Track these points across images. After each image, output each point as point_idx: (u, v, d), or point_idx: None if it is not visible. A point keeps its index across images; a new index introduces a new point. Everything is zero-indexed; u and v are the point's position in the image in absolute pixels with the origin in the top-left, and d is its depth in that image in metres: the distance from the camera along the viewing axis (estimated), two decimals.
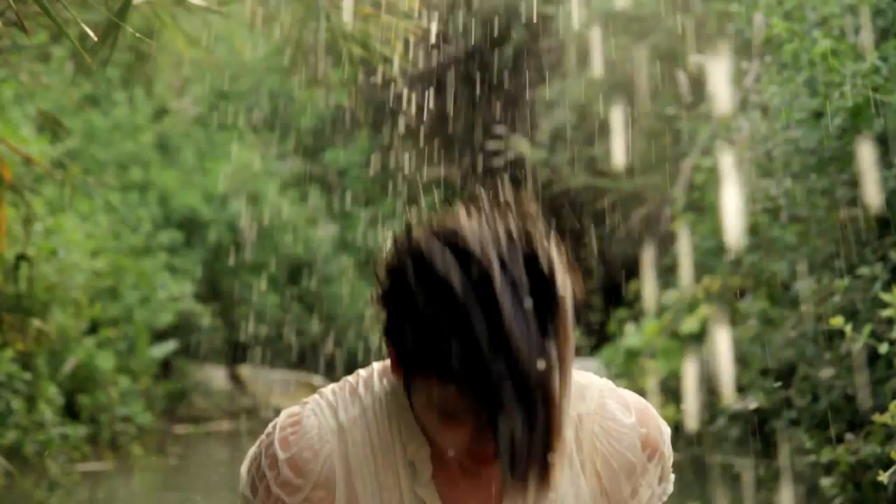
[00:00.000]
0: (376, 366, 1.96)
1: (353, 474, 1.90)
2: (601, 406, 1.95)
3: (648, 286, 10.89)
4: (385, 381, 1.93)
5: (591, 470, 1.94)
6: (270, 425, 1.94)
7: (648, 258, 11.15)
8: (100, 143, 13.33)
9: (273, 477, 1.89)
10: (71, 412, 9.63)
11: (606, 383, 1.99)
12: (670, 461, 2.00)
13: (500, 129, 14.05)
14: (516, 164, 13.78)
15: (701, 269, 9.56)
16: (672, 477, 2.01)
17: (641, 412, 1.97)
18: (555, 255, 1.72)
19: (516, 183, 1.85)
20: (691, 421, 8.24)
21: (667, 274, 10.96)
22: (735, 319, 8.73)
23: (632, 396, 2.00)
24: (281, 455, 1.90)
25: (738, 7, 6.95)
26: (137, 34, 3.86)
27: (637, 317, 10.99)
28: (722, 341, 7.44)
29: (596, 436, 1.94)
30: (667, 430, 2.00)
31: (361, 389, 1.93)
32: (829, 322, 5.09)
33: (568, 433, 1.91)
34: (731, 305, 8.85)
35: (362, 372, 1.96)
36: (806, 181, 6.53)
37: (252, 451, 1.95)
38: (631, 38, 11.89)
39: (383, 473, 1.90)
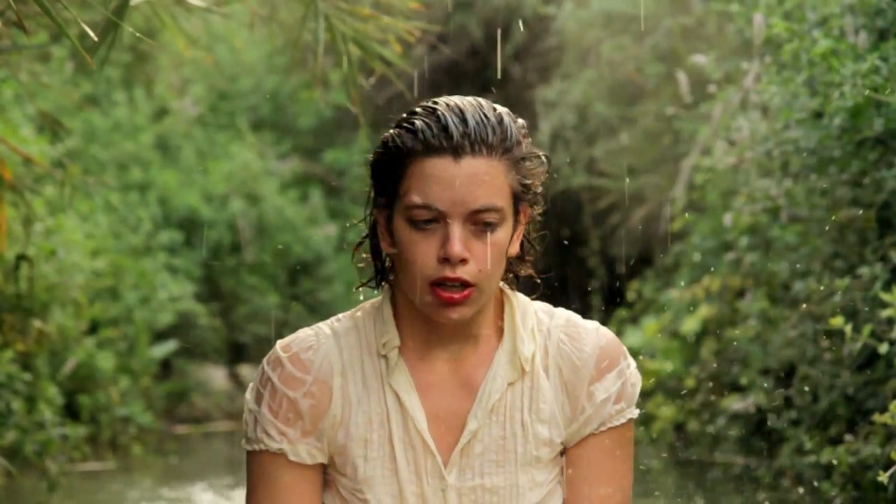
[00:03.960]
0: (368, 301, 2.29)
1: (347, 369, 2.17)
2: (567, 320, 2.27)
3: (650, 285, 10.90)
4: (374, 301, 2.23)
5: (554, 371, 2.23)
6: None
7: (649, 257, 11.16)
8: (100, 143, 13.33)
9: (278, 375, 2.19)
10: (71, 412, 9.63)
11: (575, 314, 2.32)
12: (635, 388, 2.26)
13: None
14: None
15: (701, 269, 9.54)
16: (636, 409, 2.26)
17: (604, 330, 2.29)
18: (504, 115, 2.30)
19: None
20: None
21: (667, 274, 10.95)
22: (735, 319, 8.73)
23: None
24: (283, 355, 2.19)
25: (738, 7, 6.95)
26: (137, 34, 3.88)
27: (637, 317, 10.99)
28: None
29: (561, 340, 2.25)
30: (630, 359, 2.29)
31: (354, 310, 2.25)
32: (829, 322, 5.10)
33: (535, 344, 2.23)
34: (731, 305, 8.84)
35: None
36: (806, 181, 6.53)
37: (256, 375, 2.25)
38: (631, 38, 11.89)
39: (371, 372, 2.17)
